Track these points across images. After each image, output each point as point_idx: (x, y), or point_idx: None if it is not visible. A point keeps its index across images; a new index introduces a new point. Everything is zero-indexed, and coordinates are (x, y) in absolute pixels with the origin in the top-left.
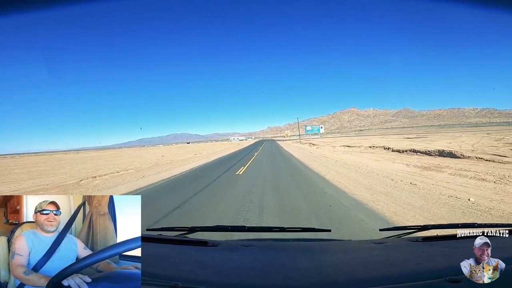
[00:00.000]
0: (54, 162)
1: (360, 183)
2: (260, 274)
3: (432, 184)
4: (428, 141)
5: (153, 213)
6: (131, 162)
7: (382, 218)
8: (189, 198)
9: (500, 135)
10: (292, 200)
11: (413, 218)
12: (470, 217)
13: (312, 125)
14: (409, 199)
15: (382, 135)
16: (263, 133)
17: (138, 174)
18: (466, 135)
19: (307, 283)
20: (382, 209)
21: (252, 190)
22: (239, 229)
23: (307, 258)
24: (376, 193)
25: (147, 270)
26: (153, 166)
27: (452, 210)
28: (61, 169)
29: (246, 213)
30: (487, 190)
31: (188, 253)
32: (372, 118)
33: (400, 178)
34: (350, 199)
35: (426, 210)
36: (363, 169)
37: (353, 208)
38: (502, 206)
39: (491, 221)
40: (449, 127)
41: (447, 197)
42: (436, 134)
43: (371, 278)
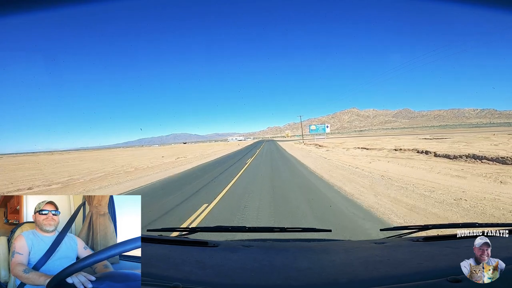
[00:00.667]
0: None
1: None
2: (261, 274)
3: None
4: (461, 143)
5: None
6: (69, 171)
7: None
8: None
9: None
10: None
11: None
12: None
13: (317, 124)
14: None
15: (393, 136)
16: (263, 133)
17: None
18: (496, 136)
19: (308, 283)
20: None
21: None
22: (239, 229)
23: (308, 258)
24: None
25: (147, 271)
26: (85, 181)
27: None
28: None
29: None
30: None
31: (188, 253)
32: (372, 118)
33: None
34: None
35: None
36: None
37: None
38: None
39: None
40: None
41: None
42: (452, 135)
43: (372, 278)
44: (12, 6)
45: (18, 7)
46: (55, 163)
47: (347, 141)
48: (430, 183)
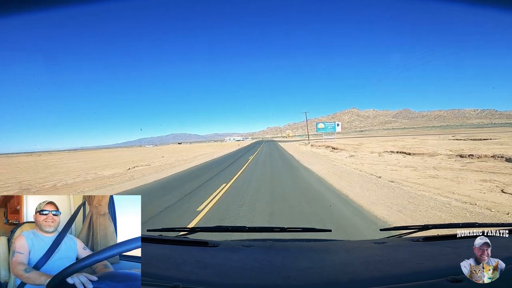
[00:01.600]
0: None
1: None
2: (261, 274)
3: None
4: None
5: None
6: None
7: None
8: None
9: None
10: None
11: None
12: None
13: (325, 122)
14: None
15: (412, 136)
16: (263, 133)
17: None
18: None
19: (308, 283)
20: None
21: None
22: (239, 229)
23: (308, 258)
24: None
25: (147, 271)
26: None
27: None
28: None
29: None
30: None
31: (188, 253)
32: (372, 119)
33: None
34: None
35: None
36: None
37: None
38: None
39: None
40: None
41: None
42: (478, 135)
43: (373, 278)
44: (12, 6)
45: (18, 7)
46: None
47: (364, 142)
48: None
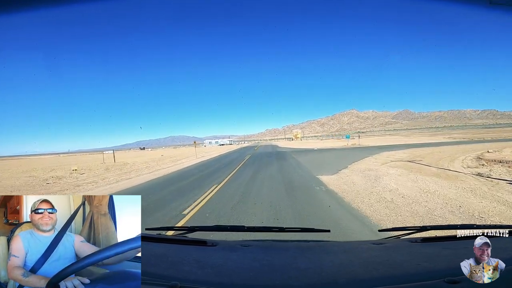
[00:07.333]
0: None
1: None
2: (259, 274)
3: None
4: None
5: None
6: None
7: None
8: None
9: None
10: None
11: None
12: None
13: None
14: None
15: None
16: (261, 135)
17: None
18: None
19: (307, 283)
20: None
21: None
22: (238, 229)
23: (307, 258)
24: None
25: (146, 270)
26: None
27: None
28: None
29: None
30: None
31: (187, 252)
32: (372, 120)
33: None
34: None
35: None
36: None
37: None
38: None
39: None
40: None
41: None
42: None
43: (371, 278)
44: (12, 6)
45: (18, 7)
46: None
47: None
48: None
